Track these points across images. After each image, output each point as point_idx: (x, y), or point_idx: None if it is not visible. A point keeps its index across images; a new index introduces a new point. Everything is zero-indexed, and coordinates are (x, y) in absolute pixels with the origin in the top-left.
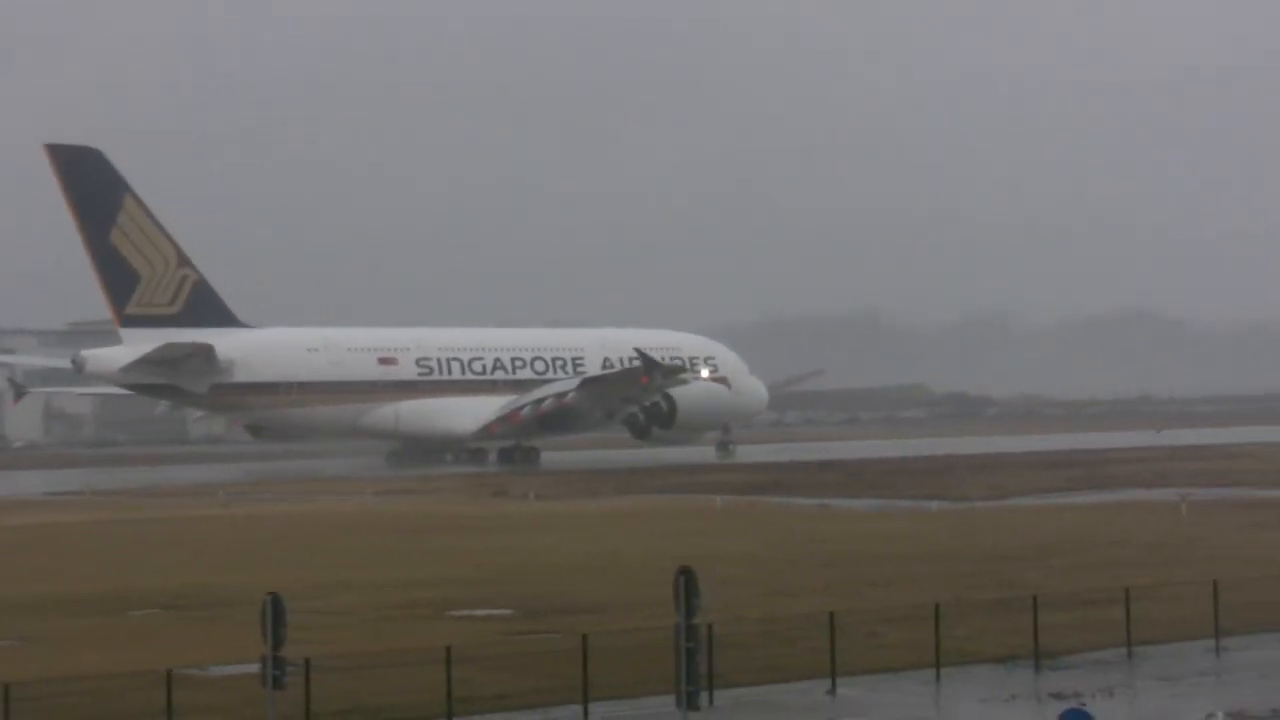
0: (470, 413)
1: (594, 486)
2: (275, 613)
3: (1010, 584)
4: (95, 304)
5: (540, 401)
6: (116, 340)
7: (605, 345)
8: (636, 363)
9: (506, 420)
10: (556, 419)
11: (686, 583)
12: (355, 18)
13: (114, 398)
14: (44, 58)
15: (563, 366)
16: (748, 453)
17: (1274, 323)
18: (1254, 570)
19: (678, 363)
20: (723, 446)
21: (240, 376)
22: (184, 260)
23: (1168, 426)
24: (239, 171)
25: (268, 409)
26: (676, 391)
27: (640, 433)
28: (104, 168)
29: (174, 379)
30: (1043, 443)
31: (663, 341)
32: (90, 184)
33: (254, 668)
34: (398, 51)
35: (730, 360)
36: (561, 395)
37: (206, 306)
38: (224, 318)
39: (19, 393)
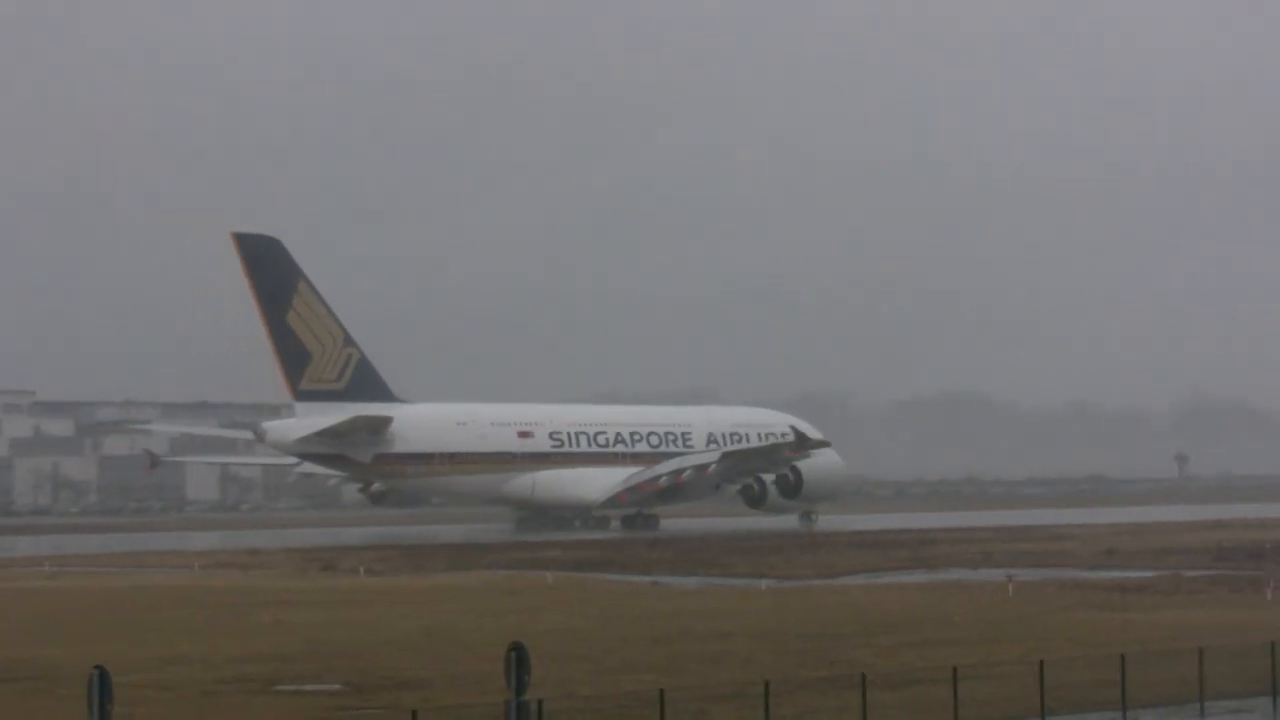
0: (598, 482)
1: (425, 562)
2: (102, 686)
3: (839, 662)
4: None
5: (680, 471)
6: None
7: (710, 421)
8: (768, 437)
9: (637, 490)
10: (679, 489)
11: (517, 658)
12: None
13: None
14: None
15: (674, 441)
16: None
17: (1095, 404)
18: (1079, 650)
19: (788, 438)
20: (806, 516)
21: (399, 447)
22: (349, 340)
23: (992, 507)
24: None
25: (423, 477)
26: (802, 464)
27: (755, 502)
28: (282, 255)
29: (343, 449)
30: (869, 522)
31: (757, 419)
32: (270, 270)
33: None
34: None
35: (813, 435)
36: (703, 466)
37: (368, 382)
38: (383, 393)
39: (154, 462)
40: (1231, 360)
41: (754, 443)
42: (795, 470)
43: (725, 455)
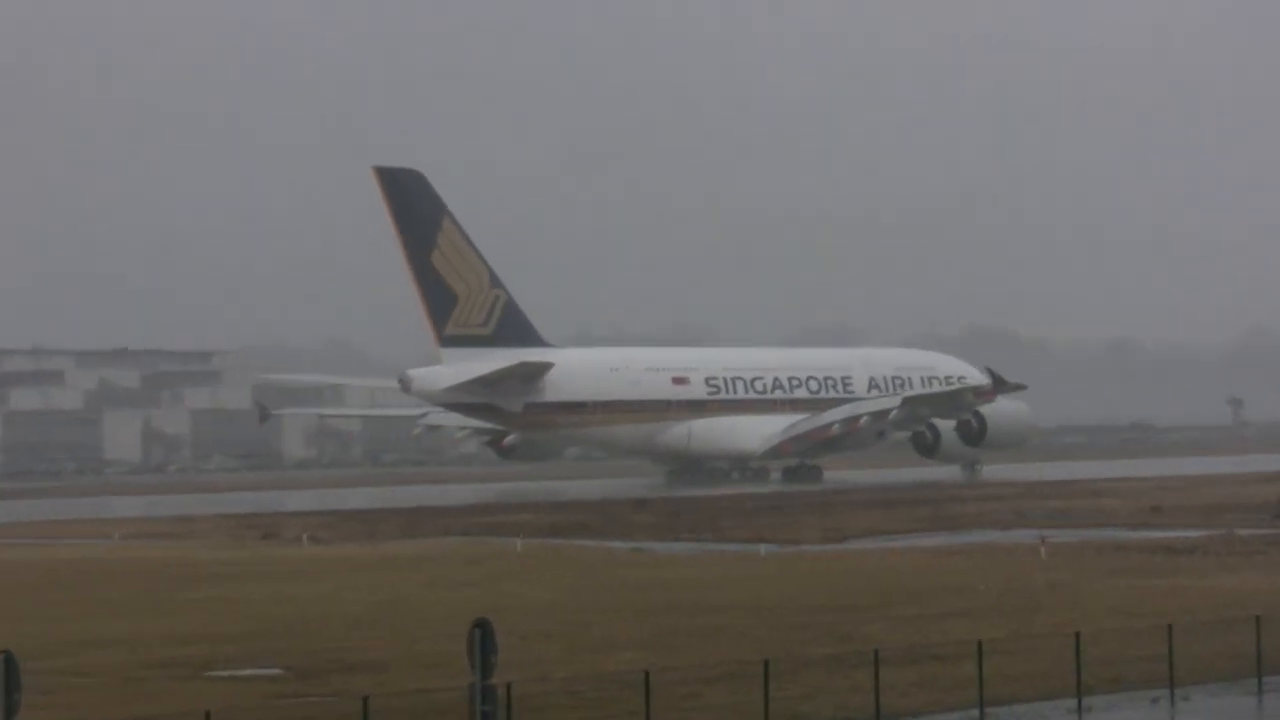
0: (758, 431)
1: (376, 528)
2: (9, 673)
3: (848, 637)
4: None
5: (855, 418)
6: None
7: (869, 365)
8: (931, 381)
9: (804, 439)
10: (844, 438)
11: (482, 637)
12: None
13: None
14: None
15: (833, 386)
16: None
17: (1137, 342)
18: (1119, 621)
19: (965, 380)
20: (971, 466)
21: (550, 396)
22: (495, 281)
23: (1023, 459)
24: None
25: (576, 427)
26: (986, 410)
27: (928, 450)
28: (426, 190)
29: (493, 398)
30: (887, 477)
31: (918, 361)
32: (415, 206)
33: None
34: None
35: (978, 379)
36: (883, 412)
37: (516, 326)
38: (531, 337)
39: (264, 415)
40: None
41: (917, 386)
42: (979, 416)
43: (907, 400)
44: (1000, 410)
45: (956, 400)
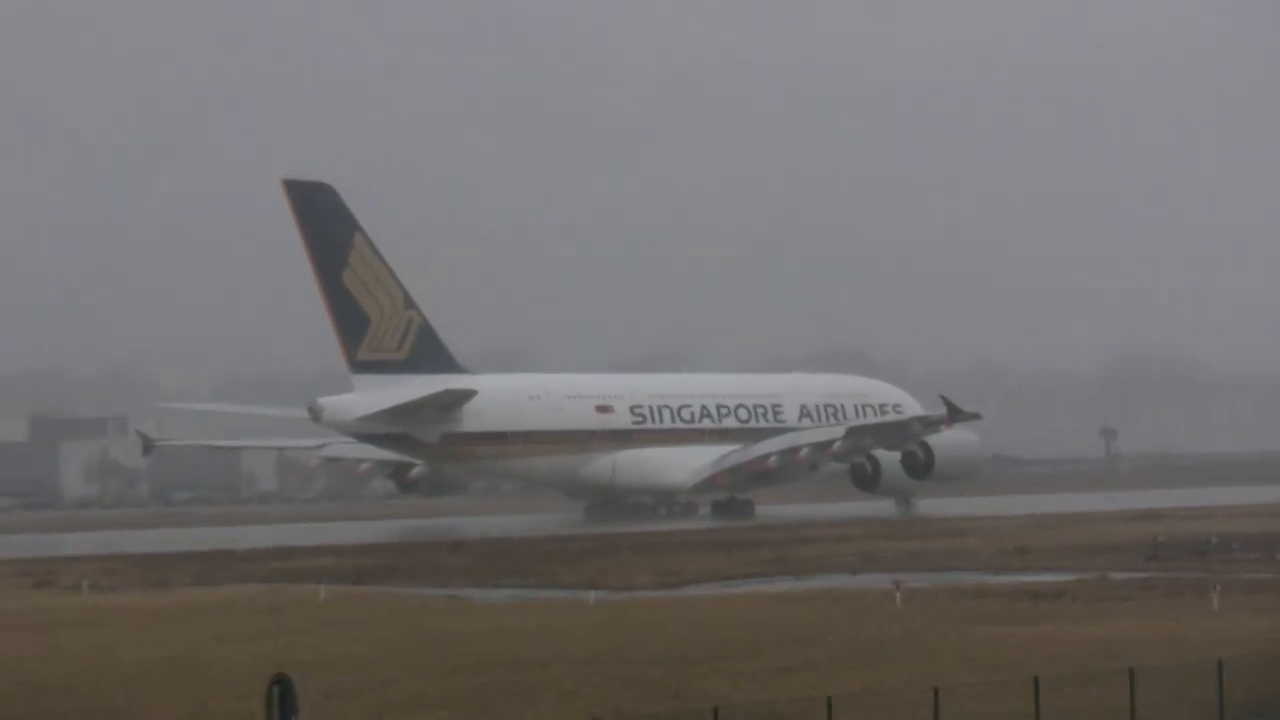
0: (686, 464)
1: (166, 574)
2: None
3: (684, 694)
4: None
5: (794, 450)
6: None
7: (799, 392)
8: (865, 409)
9: (737, 471)
10: (779, 471)
11: (282, 694)
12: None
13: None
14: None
15: (764, 415)
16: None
17: (1000, 366)
18: (979, 674)
19: (900, 409)
20: (905, 501)
21: (469, 425)
22: (409, 302)
23: (871, 496)
24: None
25: (494, 459)
26: (933, 440)
27: (866, 483)
28: (337, 205)
29: (410, 428)
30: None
31: (851, 388)
32: (324, 221)
33: None
34: None
35: (914, 407)
36: (825, 444)
37: (431, 351)
38: (447, 363)
39: (147, 447)
40: (1168, 315)
41: (850, 414)
42: (925, 447)
43: (852, 431)
44: (948, 441)
45: (903, 430)
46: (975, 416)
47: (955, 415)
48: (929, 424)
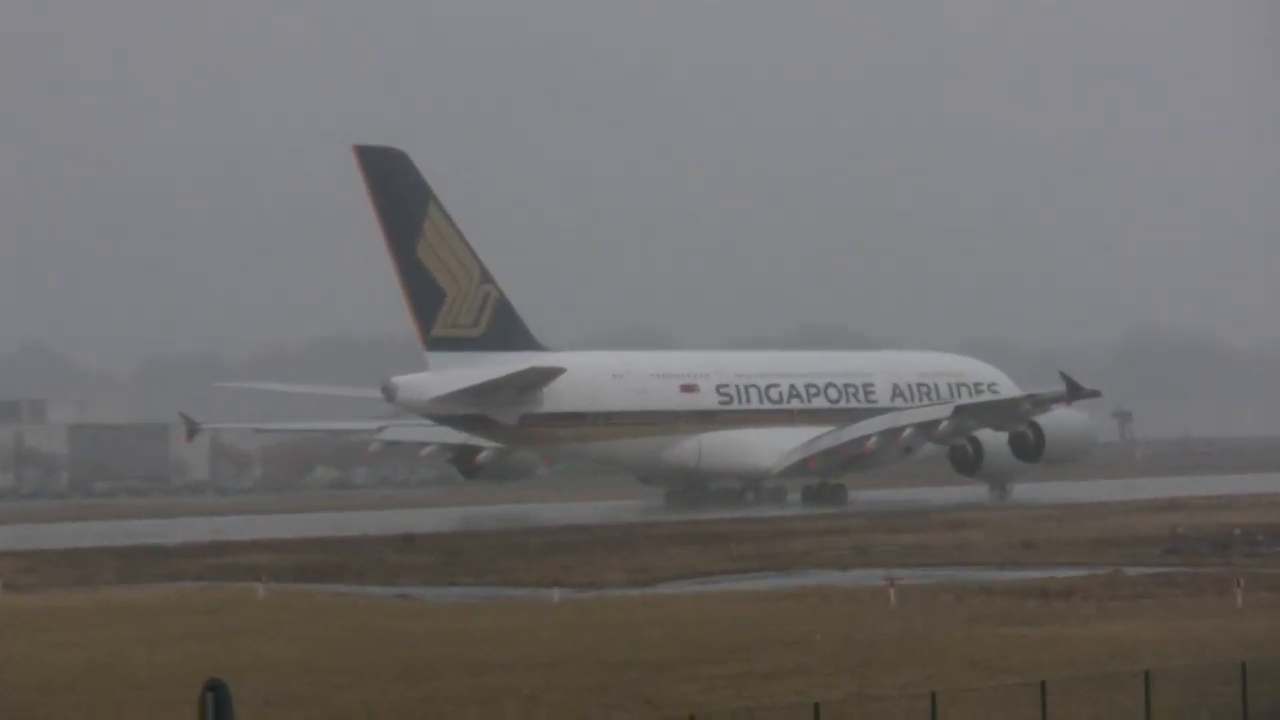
0: (775, 446)
1: (90, 571)
2: None
3: (657, 701)
4: None
5: (897, 430)
6: None
7: (892, 371)
8: (959, 388)
9: (832, 454)
10: (870, 455)
11: (216, 702)
12: None
13: None
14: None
15: (854, 395)
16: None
17: (1004, 343)
18: (982, 678)
19: (986, 390)
20: (1000, 486)
21: (549, 406)
22: (486, 276)
23: (869, 484)
24: None
25: (574, 441)
26: (1044, 421)
27: (968, 467)
28: (410, 172)
29: (488, 409)
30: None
31: (945, 366)
32: (396, 190)
33: None
34: None
35: (1010, 386)
36: (930, 424)
37: (509, 328)
38: (525, 340)
39: (192, 431)
40: (1183, 288)
41: (945, 395)
42: (1035, 428)
43: (960, 410)
44: (1059, 421)
45: (1013, 410)
46: (1095, 394)
47: (1075, 393)
48: (1041, 403)
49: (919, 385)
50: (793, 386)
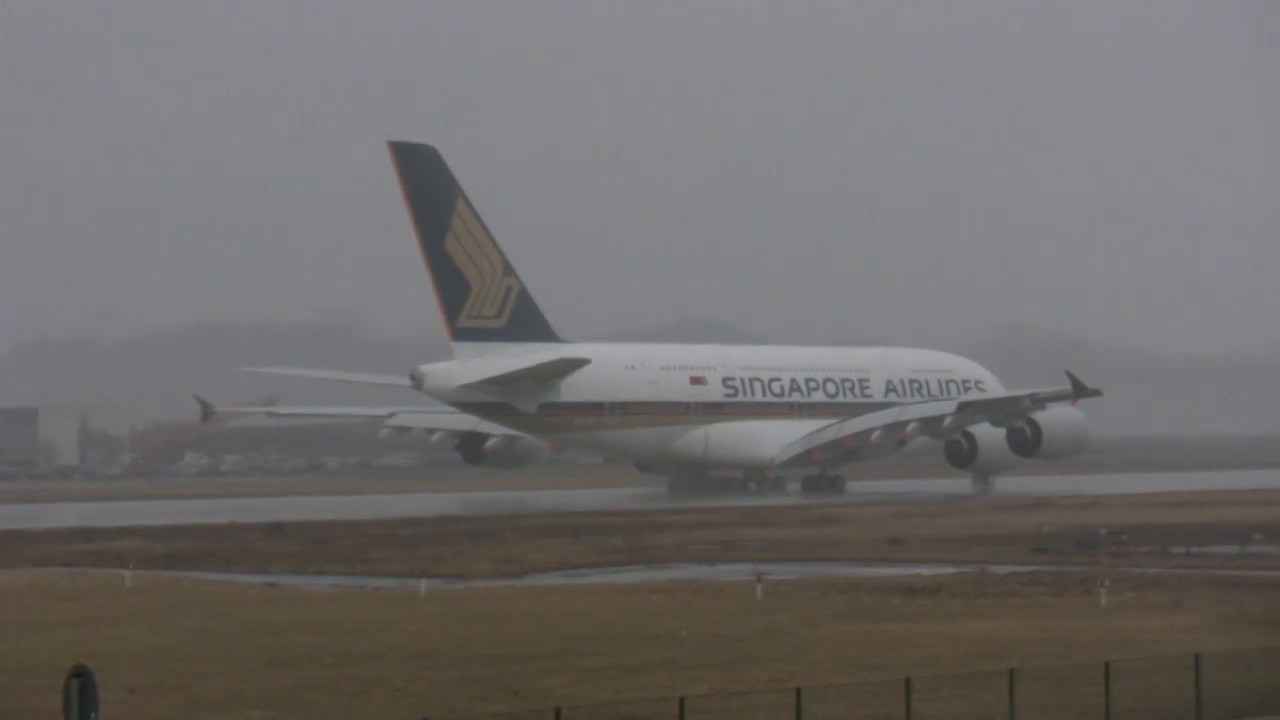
0: (778, 438)
1: None
2: None
3: (524, 693)
4: None
5: (901, 425)
6: None
7: (885, 366)
8: (949, 385)
9: (834, 446)
10: (869, 448)
11: (81, 689)
12: None
13: None
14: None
15: (850, 389)
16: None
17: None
18: (847, 674)
19: (973, 388)
20: (982, 479)
21: (567, 396)
22: (509, 269)
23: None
24: None
25: (590, 430)
26: (1041, 417)
27: (963, 460)
28: (440, 168)
29: (510, 398)
30: (581, 499)
31: (936, 363)
32: (427, 185)
33: None
34: None
35: (994, 384)
36: (935, 420)
37: (529, 319)
38: (544, 332)
39: (206, 413)
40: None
41: (936, 391)
42: (1033, 423)
43: (964, 406)
44: (1056, 418)
45: (1014, 406)
46: (1097, 393)
47: (1079, 391)
48: (1042, 400)
49: (911, 381)
50: (794, 380)
